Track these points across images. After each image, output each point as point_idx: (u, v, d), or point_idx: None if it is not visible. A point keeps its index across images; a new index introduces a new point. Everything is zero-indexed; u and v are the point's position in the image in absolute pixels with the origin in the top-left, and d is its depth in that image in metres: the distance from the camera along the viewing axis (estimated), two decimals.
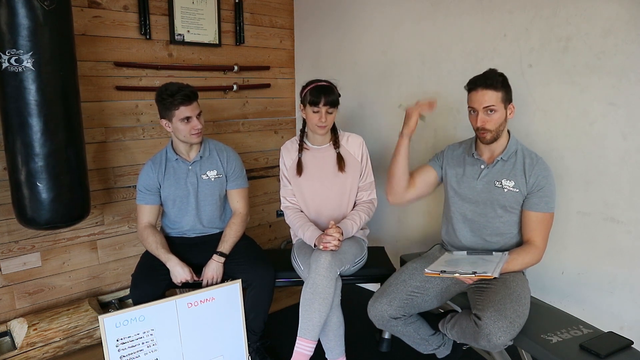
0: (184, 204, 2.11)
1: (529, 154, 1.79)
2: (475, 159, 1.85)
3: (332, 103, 1.98)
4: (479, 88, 1.70)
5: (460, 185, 1.88)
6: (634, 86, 1.74)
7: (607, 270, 1.89)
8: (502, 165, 1.79)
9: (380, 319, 1.81)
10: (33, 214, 1.90)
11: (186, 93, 1.93)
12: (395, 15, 2.53)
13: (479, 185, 1.83)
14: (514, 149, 1.79)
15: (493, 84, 1.69)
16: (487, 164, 1.82)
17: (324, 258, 1.85)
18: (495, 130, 1.72)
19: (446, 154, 1.97)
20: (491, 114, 1.70)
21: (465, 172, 1.87)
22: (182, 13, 2.61)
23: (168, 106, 1.93)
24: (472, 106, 1.74)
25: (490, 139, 1.74)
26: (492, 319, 1.51)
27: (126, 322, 1.74)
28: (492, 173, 1.80)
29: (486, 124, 1.71)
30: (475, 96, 1.71)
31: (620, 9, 1.74)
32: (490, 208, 1.80)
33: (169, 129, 2.01)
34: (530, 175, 1.74)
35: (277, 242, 3.36)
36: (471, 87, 1.74)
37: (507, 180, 1.77)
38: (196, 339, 1.89)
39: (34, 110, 1.80)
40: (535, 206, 1.74)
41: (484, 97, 1.69)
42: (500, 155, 1.79)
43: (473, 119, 1.75)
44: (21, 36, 1.73)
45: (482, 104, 1.69)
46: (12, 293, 2.30)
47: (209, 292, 1.90)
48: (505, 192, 1.77)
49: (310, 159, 2.13)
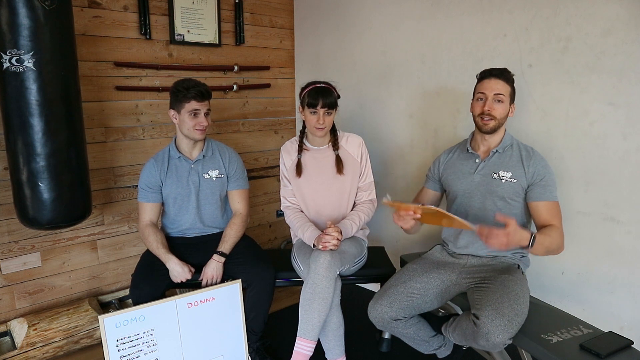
0: (184, 202, 2.11)
1: (525, 147, 1.83)
2: (470, 153, 1.88)
3: (329, 105, 1.98)
4: (493, 77, 1.77)
5: (458, 182, 1.89)
6: (634, 86, 1.74)
7: (607, 270, 1.89)
8: (498, 158, 1.82)
9: (381, 321, 1.81)
10: (35, 214, 1.91)
11: (200, 90, 1.97)
12: (395, 15, 2.53)
13: (476, 178, 1.84)
14: (509, 143, 1.83)
15: (507, 77, 1.78)
16: (482, 157, 1.85)
17: (323, 258, 1.85)
18: (499, 120, 1.77)
19: (441, 161, 2.00)
20: (499, 103, 1.76)
21: (462, 169, 1.89)
22: (182, 13, 2.61)
23: (180, 98, 1.97)
24: (482, 92, 1.78)
25: (492, 127, 1.77)
26: (490, 317, 1.51)
27: (126, 322, 1.74)
28: (489, 165, 1.83)
29: (493, 111, 1.75)
30: (488, 83, 1.77)
31: (620, 9, 1.74)
32: (489, 200, 1.81)
33: (175, 121, 2.03)
34: (528, 165, 1.76)
35: (277, 242, 3.36)
36: (485, 75, 1.80)
37: (504, 171, 1.79)
38: (196, 339, 1.89)
39: (35, 110, 1.81)
40: (542, 195, 1.74)
41: (497, 85, 1.76)
42: (495, 148, 1.82)
43: (479, 105, 1.79)
44: (22, 36, 1.73)
45: (494, 91, 1.75)
46: (12, 293, 2.30)
47: (209, 292, 1.90)
48: (503, 182, 1.78)
49: (309, 159, 2.13)
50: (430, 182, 2.04)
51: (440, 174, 1.99)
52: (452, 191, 1.93)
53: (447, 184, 1.95)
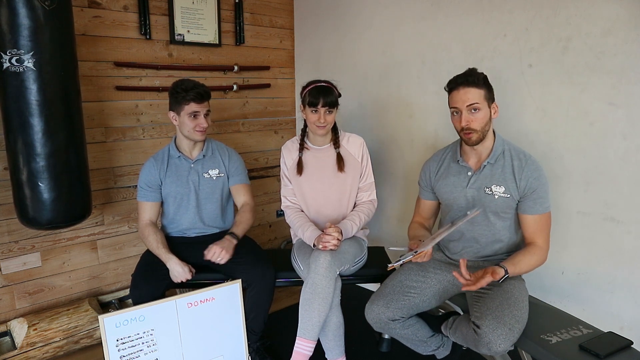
0: (184, 201, 2.12)
1: (517, 154, 1.74)
2: (462, 165, 1.80)
3: (330, 104, 1.98)
4: (461, 87, 1.65)
5: (451, 197, 1.84)
6: (634, 86, 1.74)
7: (607, 270, 1.89)
8: (490, 170, 1.74)
9: (378, 322, 1.79)
10: (35, 214, 1.91)
11: (199, 91, 1.97)
12: (395, 15, 2.53)
13: (468, 193, 1.78)
14: (500, 151, 1.74)
15: (475, 81, 1.64)
16: (474, 170, 1.78)
17: (323, 258, 1.85)
18: (481, 130, 1.67)
19: (431, 170, 1.92)
20: (475, 113, 1.65)
21: (454, 181, 1.83)
22: (182, 13, 2.61)
23: (179, 100, 1.97)
24: (455, 106, 1.67)
25: (476, 140, 1.68)
26: (490, 327, 1.50)
27: (126, 322, 1.74)
28: (481, 179, 1.75)
29: (471, 124, 1.65)
30: (458, 95, 1.66)
31: (620, 9, 1.74)
32: (482, 216, 1.76)
33: (175, 122, 2.04)
34: (520, 178, 1.69)
35: (277, 242, 3.36)
36: (452, 86, 1.68)
37: (497, 186, 1.72)
38: (196, 339, 1.89)
39: (35, 110, 1.81)
40: (531, 209, 1.69)
41: (466, 95, 1.64)
42: (487, 160, 1.74)
43: (456, 120, 1.69)
44: (22, 36, 1.73)
45: (466, 102, 1.64)
46: (12, 293, 2.30)
47: (209, 292, 1.90)
48: (496, 198, 1.72)
49: (310, 158, 2.13)
50: (425, 193, 1.98)
51: (432, 184, 1.92)
52: (446, 204, 1.89)
53: (439, 195, 1.90)
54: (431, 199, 1.98)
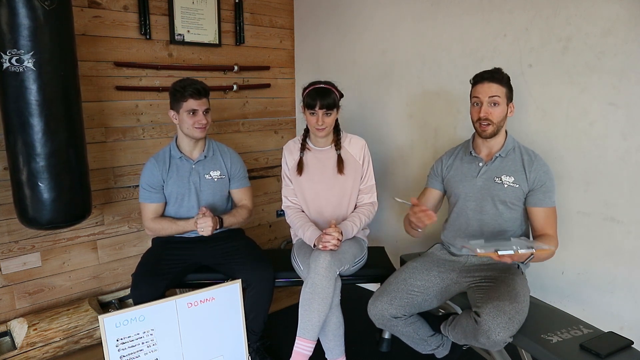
0: (185, 202, 2.12)
1: (527, 151, 1.82)
2: (473, 156, 1.88)
3: (328, 106, 1.97)
4: (486, 81, 1.76)
5: (460, 185, 1.89)
6: (634, 86, 1.74)
7: (607, 270, 1.89)
8: (500, 162, 1.82)
9: (381, 318, 1.82)
10: (35, 214, 1.90)
11: (197, 88, 1.99)
12: (395, 15, 2.53)
13: (478, 182, 1.84)
14: (511, 146, 1.82)
15: (500, 78, 1.76)
16: (485, 161, 1.84)
17: (323, 258, 1.85)
18: (497, 124, 1.76)
19: (444, 162, 1.99)
20: (495, 107, 1.75)
21: (465, 171, 1.89)
22: (182, 13, 2.61)
23: (178, 97, 1.99)
24: (477, 96, 1.78)
25: (490, 133, 1.76)
26: (491, 315, 1.52)
27: (126, 322, 1.74)
28: (491, 170, 1.82)
29: (489, 115, 1.75)
30: (482, 87, 1.76)
31: (620, 9, 1.74)
32: (491, 204, 1.81)
33: (175, 121, 2.05)
34: (530, 171, 1.76)
35: (277, 242, 3.36)
36: (477, 79, 1.79)
37: (507, 176, 1.79)
38: (196, 339, 1.89)
39: (35, 110, 1.81)
40: (541, 202, 1.75)
41: (490, 88, 1.74)
42: (498, 152, 1.81)
43: (476, 111, 1.78)
44: (22, 36, 1.73)
45: (488, 94, 1.74)
46: (12, 293, 2.30)
47: (209, 292, 1.90)
48: (505, 187, 1.78)
49: (311, 159, 2.13)
50: (434, 181, 2.02)
51: (444, 174, 1.98)
52: (454, 194, 1.93)
53: (449, 186, 1.95)
54: (438, 188, 2.02)
